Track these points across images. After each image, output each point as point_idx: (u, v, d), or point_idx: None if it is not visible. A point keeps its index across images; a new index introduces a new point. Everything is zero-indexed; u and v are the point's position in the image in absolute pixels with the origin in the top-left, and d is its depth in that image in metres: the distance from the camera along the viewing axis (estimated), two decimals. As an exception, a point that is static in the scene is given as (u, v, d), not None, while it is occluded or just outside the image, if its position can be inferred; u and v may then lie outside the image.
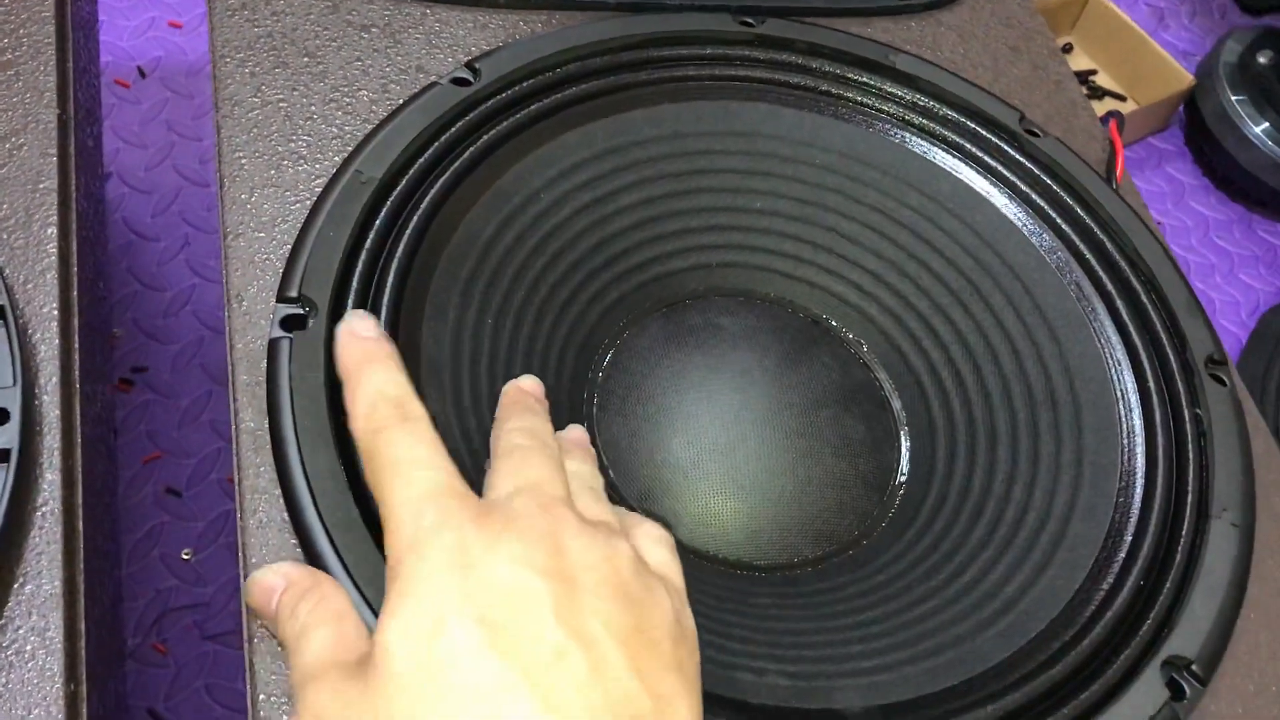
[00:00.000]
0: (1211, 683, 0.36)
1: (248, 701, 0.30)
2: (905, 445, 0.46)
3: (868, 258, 0.47)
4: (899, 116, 0.48)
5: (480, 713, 0.24)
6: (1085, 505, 0.40)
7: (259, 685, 0.30)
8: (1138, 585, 0.37)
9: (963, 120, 0.48)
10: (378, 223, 0.38)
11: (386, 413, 0.29)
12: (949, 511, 0.42)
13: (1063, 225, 0.45)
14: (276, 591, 0.29)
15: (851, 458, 0.44)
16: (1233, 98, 1.16)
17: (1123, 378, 0.42)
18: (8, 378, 0.33)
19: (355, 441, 0.30)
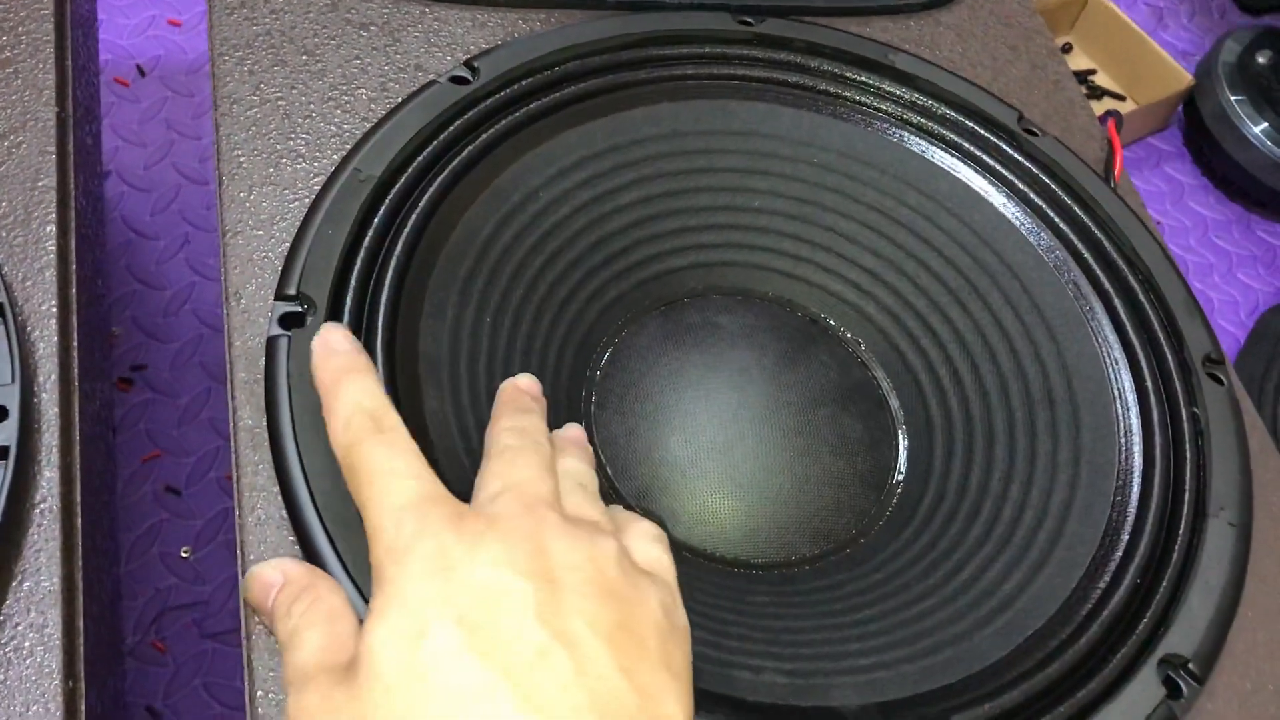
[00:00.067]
0: (1208, 681, 0.36)
1: (246, 699, 0.30)
2: (903, 444, 0.46)
3: (866, 256, 0.47)
4: (898, 115, 0.48)
5: (463, 714, 0.24)
6: (1082, 504, 0.40)
7: (257, 683, 0.30)
8: (1135, 584, 0.37)
9: (961, 119, 0.48)
10: (376, 221, 0.38)
11: (363, 425, 0.29)
12: (946, 510, 0.42)
13: (1061, 224, 0.45)
14: (274, 588, 0.29)
15: (849, 456, 0.44)
16: (1232, 98, 1.16)
17: (1120, 377, 0.42)
18: (6, 375, 0.33)
19: (335, 455, 0.30)
